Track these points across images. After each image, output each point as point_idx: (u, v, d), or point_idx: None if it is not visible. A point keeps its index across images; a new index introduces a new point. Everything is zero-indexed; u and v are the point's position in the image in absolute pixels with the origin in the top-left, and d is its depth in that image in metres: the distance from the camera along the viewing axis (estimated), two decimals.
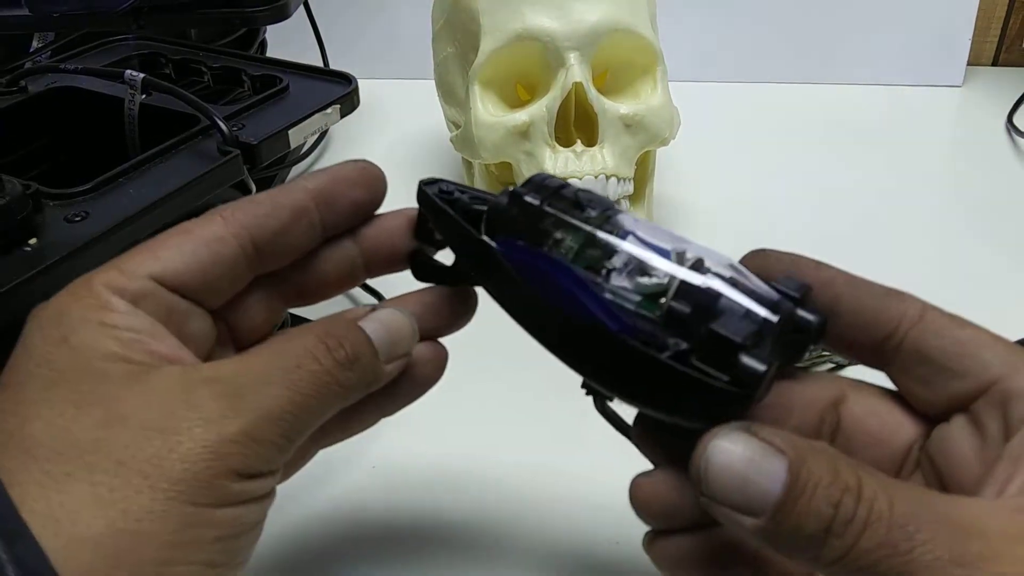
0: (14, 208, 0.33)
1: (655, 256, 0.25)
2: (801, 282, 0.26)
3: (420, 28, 0.62)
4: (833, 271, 0.27)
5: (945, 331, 0.25)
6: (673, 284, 0.24)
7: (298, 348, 0.25)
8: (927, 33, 0.77)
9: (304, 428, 0.24)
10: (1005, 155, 0.69)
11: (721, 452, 0.21)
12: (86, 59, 0.52)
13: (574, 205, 0.27)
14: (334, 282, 0.30)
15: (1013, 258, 0.56)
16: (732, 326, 0.23)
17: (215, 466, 0.22)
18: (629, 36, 0.52)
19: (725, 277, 0.24)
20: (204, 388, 0.23)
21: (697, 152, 0.66)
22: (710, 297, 0.24)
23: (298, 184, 0.28)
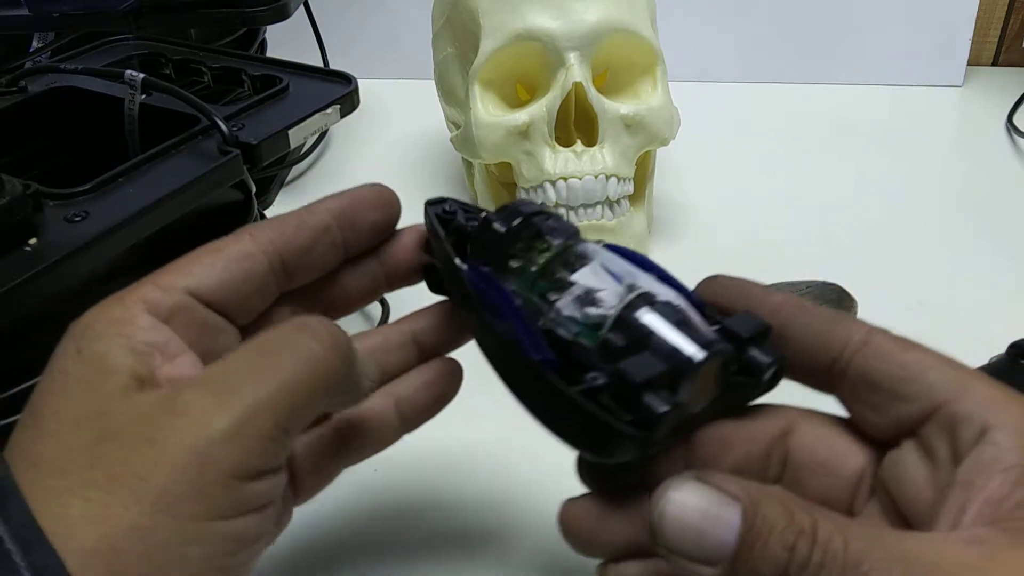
0: (14, 208, 0.33)
1: (605, 287, 0.25)
2: (758, 322, 0.26)
3: (420, 28, 0.62)
4: (780, 298, 0.27)
5: (890, 355, 0.25)
6: (611, 317, 0.25)
7: (283, 336, 0.25)
8: (927, 33, 0.77)
9: (298, 417, 0.24)
10: (1005, 155, 0.69)
11: (674, 504, 0.21)
12: (86, 59, 0.52)
13: (537, 234, 0.27)
14: (356, 296, 0.31)
15: (1013, 258, 0.56)
16: (639, 365, 0.23)
17: (204, 471, 0.21)
18: (629, 36, 0.52)
19: (667, 313, 0.25)
20: (191, 391, 0.23)
21: (697, 152, 0.66)
22: (643, 332, 0.24)
23: (321, 205, 0.29)
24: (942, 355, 0.25)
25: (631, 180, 0.53)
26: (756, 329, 0.25)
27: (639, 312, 0.25)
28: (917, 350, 0.25)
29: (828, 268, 0.50)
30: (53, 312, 0.34)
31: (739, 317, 0.26)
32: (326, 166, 0.70)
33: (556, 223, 0.28)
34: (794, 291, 0.47)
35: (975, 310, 0.51)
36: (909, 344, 0.25)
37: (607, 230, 0.51)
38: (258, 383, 0.23)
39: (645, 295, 0.25)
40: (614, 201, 0.51)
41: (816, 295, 0.47)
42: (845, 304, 0.48)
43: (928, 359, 0.24)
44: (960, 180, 0.66)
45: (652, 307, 0.25)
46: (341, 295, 0.31)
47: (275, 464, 0.23)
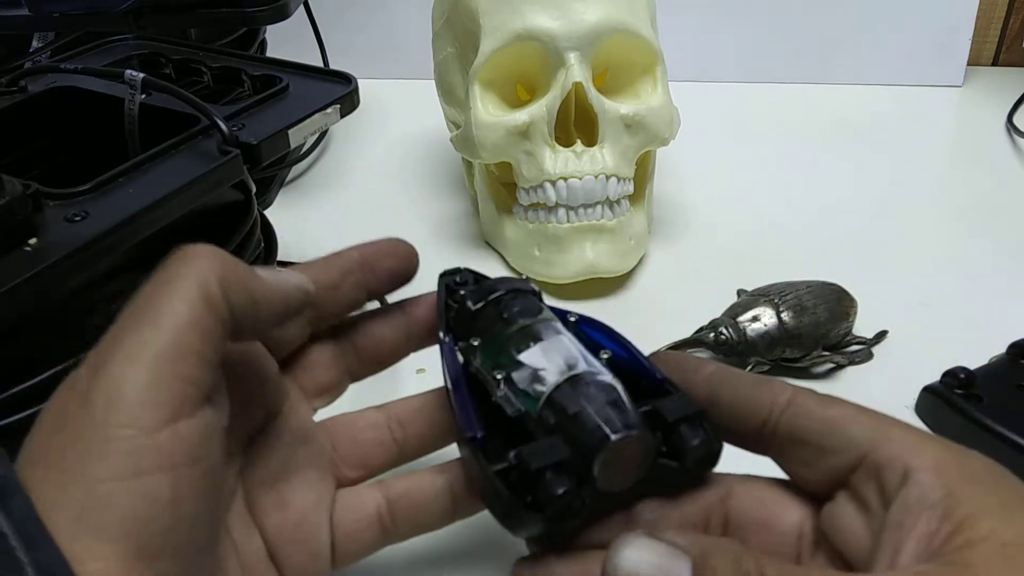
0: (14, 208, 0.33)
1: (547, 367, 0.27)
2: (689, 405, 0.27)
3: (420, 28, 0.62)
4: (711, 367, 0.29)
5: (813, 412, 0.26)
6: (543, 396, 0.27)
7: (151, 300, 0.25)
8: (927, 33, 0.77)
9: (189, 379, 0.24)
10: (1005, 155, 0.69)
11: (628, 561, 0.22)
12: (86, 59, 0.52)
13: (500, 314, 0.30)
14: (390, 349, 0.33)
15: (1013, 258, 0.56)
16: (542, 450, 0.25)
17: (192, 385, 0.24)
18: (629, 36, 0.52)
19: (592, 394, 0.26)
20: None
21: (697, 152, 0.66)
22: (568, 412, 0.26)
23: (346, 252, 0.32)
24: (862, 408, 0.26)
25: (631, 180, 0.53)
26: (684, 412, 0.27)
27: (568, 391, 0.26)
28: (837, 406, 0.26)
29: (828, 268, 0.50)
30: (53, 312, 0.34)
31: (673, 400, 0.27)
32: (326, 166, 0.70)
33: (521, 303, 0.30)
34: (794, 291, 0.47)
35: (975, 310, 0.51)
36: (829, 400, 0.27)
37: (607, 230, 0.51)
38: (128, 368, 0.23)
39: (577, 376, 0.27)
40: (614, 201, 0.51)
41: (816, 295, 0.47)
42: (845, 304, 0.48)
43: (848, 413, 0.26)
44: (960, 180, 0.66)
45: (580, 387, 0.26)
46: (374, 347, 0.33)
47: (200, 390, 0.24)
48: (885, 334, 0.48)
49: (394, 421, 0.33)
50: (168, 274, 0.25)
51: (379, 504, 0.31)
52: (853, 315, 0.48)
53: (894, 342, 0.48)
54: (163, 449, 0.22)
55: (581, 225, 0.51)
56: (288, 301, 0.28)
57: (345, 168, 0.69)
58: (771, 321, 0.45)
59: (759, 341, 0.45)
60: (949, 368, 0.43)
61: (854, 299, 0.48)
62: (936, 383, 0.43)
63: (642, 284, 0.54)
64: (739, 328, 0.46)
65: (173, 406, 0.23)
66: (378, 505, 0.31)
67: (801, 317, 0.46)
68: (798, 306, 0.46)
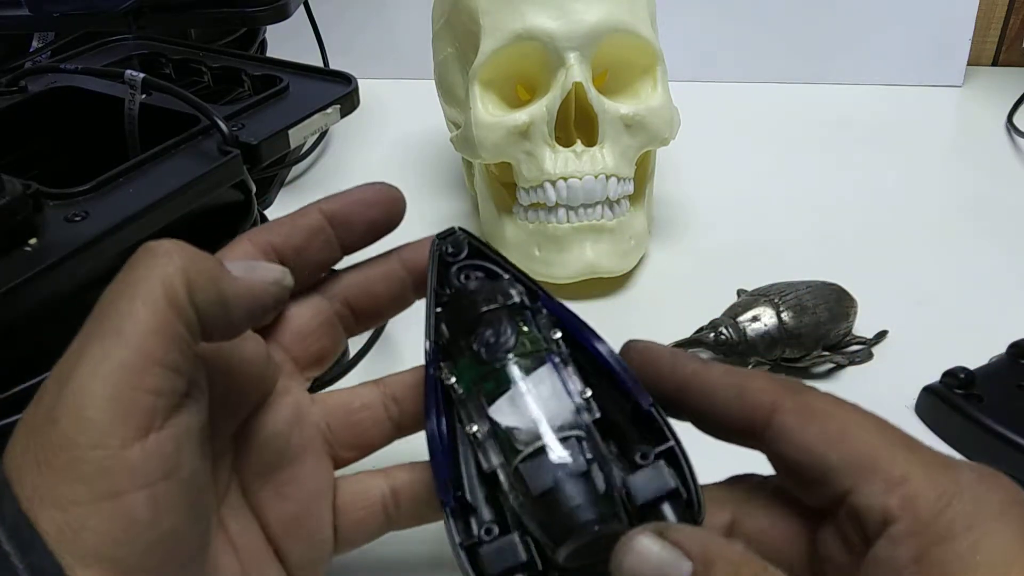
0: (14, 208, 0.33)
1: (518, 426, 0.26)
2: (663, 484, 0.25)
3: (420, 28, 0.62)
4: (689, 368, 0.27)
5: (792, 434, 0.25)
6: (513, 463, 0.25)
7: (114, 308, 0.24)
8: (927, 33, 0.77)
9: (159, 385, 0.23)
10: (1005, 155, 0.69)
11: (632, 554, 0.22)
12: (86, 59, 0.52)
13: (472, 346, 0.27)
14: (386, 303, 0.32)
15: (1013, 258, 0.56)
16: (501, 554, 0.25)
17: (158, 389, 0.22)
18: (629, 36, 0.52)
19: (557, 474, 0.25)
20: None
21: (697, 152, 0.66)
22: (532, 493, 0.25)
23: (313, 206, 0.30)
24: (850, 420, 0.24)
25: (631, 180, 0.53)
26: (659, 492, 0.25)
27: (533, 469, 0.25)
28: (819, 422, 0.24)
29: (828, 268, 0.50)
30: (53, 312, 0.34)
31: (646, 474, 0.25)
32: (326, 166, 0.70)
33: (493, 333, 0.27)
34: (794, 291, 0.47)
35: (975, 310, 0.51)
36: (813, 414, 0.25)
37: (607, 230, 0.51)
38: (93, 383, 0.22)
39: (543, 449, 0.25)
40: (614, 201, 0.51)
41: (816, 295, 0.47)
42: (845, 304, 0.48)
43: (831, 433, 0.24)
44: (960, 180, 0.66)
45: (548, 464, 0.25)
46: (371, 301, 0.31)
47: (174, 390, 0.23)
48: (885, 334, 0.48)
49: (389, 398, 0.31)
50: (131, 276, 0.24)
51: (384, 493, 0.30)
52: (853, 315, 0.48)
53: (894, 342, 0.48)
54: (136, 467, 0.22)
55: (581, 225, 0.51)
56: (262, 299, 0.27)
57: (345, 168, 0.69)
58: (771, 321, 0.45)
59: (759, 341, 0.45)
60: (949, 368, 0.43)
61: (854, 299, 0.48)
62: (936, 383, 0.43)
63: (642, 284, 0.54)
64: (739, 328, 0.46)
65: (142, 420, 0.22)
66: (383, 494, 0.30)
67: (801, 317, 0.46)
68: (798, 306, 0.46)
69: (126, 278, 0.24)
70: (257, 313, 0.27)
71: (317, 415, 0.30)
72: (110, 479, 0.21)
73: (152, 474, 0.22)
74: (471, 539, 0.26)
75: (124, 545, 0.21)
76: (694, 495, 0.25)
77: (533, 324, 0.28)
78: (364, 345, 0.47)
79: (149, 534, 0.22)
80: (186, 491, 0.23)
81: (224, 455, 0.28)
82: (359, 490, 0.30)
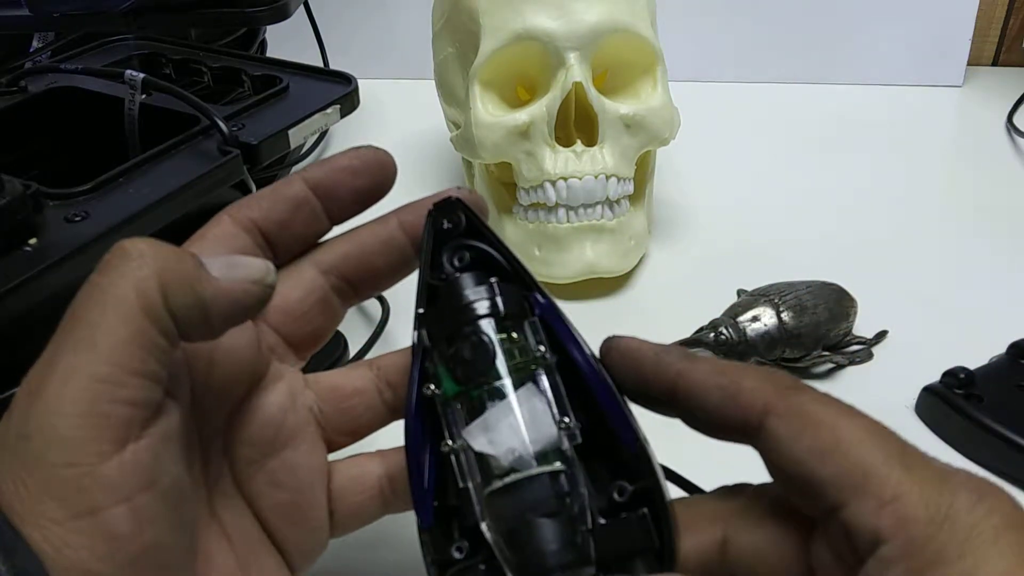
0: (14, 208, 0.33)
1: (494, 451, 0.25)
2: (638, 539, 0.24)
3: (420, 28, 0.62)
4: (675, 368, 0.26)
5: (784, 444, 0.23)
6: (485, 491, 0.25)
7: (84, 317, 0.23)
8: (927, 33, 0.77)
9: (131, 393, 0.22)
10: (1005, 155, 0.69)
11: None
12: (86, 59, 0.52)
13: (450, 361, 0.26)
14: (386, 272, 0.30)
15: (1013, 258, 0.56)
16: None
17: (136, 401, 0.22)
18: (629, 36, 0.52)
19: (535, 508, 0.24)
20: None
21: (697, 152, 0.66)
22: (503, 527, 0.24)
23: (296, 176, 0.29)
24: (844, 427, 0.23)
25: (631, 180, 0.53)
26: (631, 549, 0.24)
27: (506, 503, 0.24)
28: (812, 430, 0.23)
29: (828, 268, 0.50)
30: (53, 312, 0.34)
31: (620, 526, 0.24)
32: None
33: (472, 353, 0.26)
34: (794, 291, 0.47)
35: (975, 310, 0.51)
36: (806, 421, 0.23)
37: (607, 230, 0.51)
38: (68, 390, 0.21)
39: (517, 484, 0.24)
40: (614, 201, 0.51)
41: (816, 295, 0.47)
42: (845, 304, 0.48)
43: (824, 443, 0.23)
44: (960, 180, 0.66)
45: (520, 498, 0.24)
46: (366, 273, 0.30)
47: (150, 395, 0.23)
48: (885, 334, 0.48)
49: (382, 381, 0.30)
50: (102, 281, 0.22)
51: (380, 477, 0.30)
52: (853, 315, 0.48)
53: (894, 342, 0.48)
54: (113, 481, 0.21)
55: (581, 225, 0.51)
56: (243, 301, 0.25)
57: None
58: (771, 321, 0.45)
59: (759, 341, 0.45)
60: (949, 368, 0.43)
61: (854, 299, 0.48)
62: (936, 383, 0.43)
63: (642, 284, 0.54)
64: (739, 328, 0.46)
65: (118, 434, 0.21)
66: (379, 478, 0.30)
67: (801, 317, 0.46)
68: (798, 306, 0.46)
69: (97, 283, 0.22)
70: (238, 315, 0.25)
71: (310, 399, 0.29)
72: (87, 496, 0.21)
73: (131, 487, 0.21)
74: (443, 556, 0.25)
75: (106, 559, 0.21)
76: (668, 546, 0.24)
77: (520, 332, 0.26)
78: (364, 344, 0.47)
79: (131, 547, 0.21)
80: (167, 500, 0.22)
81: (214, 445, 0.27)
82: (355, 475, 0.30)
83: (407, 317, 0.32)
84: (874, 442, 0.23)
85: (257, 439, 0.28)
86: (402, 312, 0.33)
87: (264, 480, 0.28)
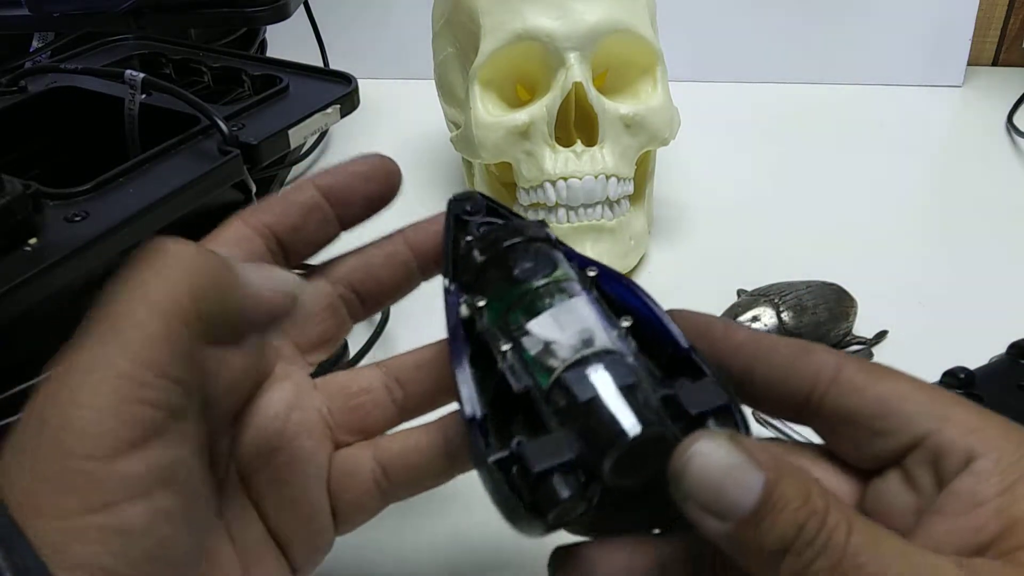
0: (14, 208, 0.33)
1: (558, 339, 0.25)
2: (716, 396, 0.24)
3: (420, 28, 0.62)
4: (743, 335, 0.26)
5: (864, 389, 0.24)
6: (553, 375, 0.24)
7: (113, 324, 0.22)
8: (927, 33, 0.77)
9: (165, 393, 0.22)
10: (1005, 155, 0.69)
11: (702, 455, 0.21)
12: (86, 59, 0.52)
13: (510, 270, 0.26)
14: (391, 286, 0.31)
15: (1013, 258, 0.56)
16: (545, 450, 0.23)
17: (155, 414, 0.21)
18: (629, 36, 0.52)
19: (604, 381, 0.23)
20: None
21: (697, 152, 0.66)
22: (578, 398, 0.23)
23: (308, 182, 0.29)
24: (916, 380, 0.24)
25: (631, 180, 0.53)
26: (710, 405, 0.24)
27: (580, 375, 0.24)
28: (890, 379, 0.24)
29: (828, 268, 0.50)
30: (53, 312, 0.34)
31: (696, 388, 0.24)
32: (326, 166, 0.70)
33: (533, 258, 0.27)
34: (794, 291, 0.47)
35: (975, 310, 0.51)
36: (880, 373, 0.25)
37: (607, 230, 0.51)
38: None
39: (591, 356, 0.24)
40: (614, 201, 0.51)
41: (816, 295, 0.47)
42: (845, 304, 0.48)
43: (903, 388, 0.24)
44: (960, 180, 0.66)
45: (594, 370, 0.24)
46: (373, 286, 0.30)
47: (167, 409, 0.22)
48: (885, 334, 0.48)
49: (392, 380, 0.30)
50: (136, 278, 0.22)
51: (373, 469, 0.29)
52: (853, 315, 0.48)
53: (894, 342, 0.48)
54: (130, 478, 0.21)
55: (581, 225, 0.51)
56: (274, 311, 0.25)
57: None
58: (771, 321, 0.45)
59: None
60: (949, 368, 0.43)
61: (854, 299, 0.48)
62: (936, 383, 0.43)
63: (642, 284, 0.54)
64: None
65: (138, 432, 0.21)
66: (372, 470, 0.29)
67: (801, 317, 0.46)
68: (798, 306, 0.46)
69: (131, 279, 0.22)
70: (266, 324, 0.25)
71: (318, 400, 0.30)
72: (104, 491, 0.20)
73: (148, 484, 0.21)
74: (502, 452, 0.23)
75: (118, 556, 0.20)
76: (742, 418, 0.24)
77: (565, 262, 0.27)
78: (364, 344, 0.47)
79: (144, 543, 0.21)
80: (182, 499, 0.22)
81: (219, 444, 0.27)
82: (347, 470, 0.29)
83: (407, 318, 0.32)
84: (945, 392, 0.25)
85: (262, 438, 0.28)
86: (402, 313, 0.33)
87: (268, 479, 0.28)
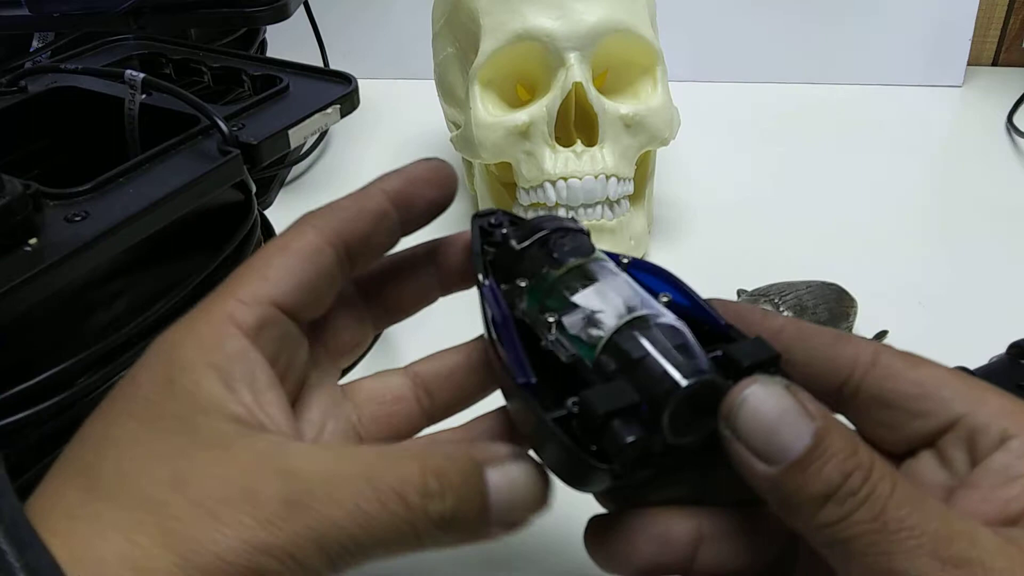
0: (14, 208, 0.33)
1: (604, 309, 0.25)
2: (764, 349, 0.24)
3: (420, 28, 0.62)
4: (780, 321, 0.27)
5: (901, 373, 0.25)
6: (603, 340, 0.24)
7: (392, 475, 0.22)
8: (927, 33, 0.77)
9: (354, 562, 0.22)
10: (1005, 155, 0.69)
11: (756, 397, 0.22)
12: (86, 59, 0.52)
13: (548, 253, 0.27)
14: (416, 301, 0.31)
15: (1013, 258, 0.56)
16: (608, 394, 0.23)
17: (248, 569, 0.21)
18: (629, 36, 0.52)
19: (657, 338, 0.24)
20: (272, 481, 0.21)
21: (697, 152, 0.66)
22: (632, 356, 0.23)
23: (376, 187, 0.28)
24: (951, 369, 0.25)
25: (631, 180, 0.53)
26: (759, 357, 0.24)
27: (630, 335, 0.24)
28: (926, 366, 0.25)
29: (828, 268, 0.50)
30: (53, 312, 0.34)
31: (745, 344, 0.25)
32: (326, 166, 0.70)
33: (571, 241, 0.28)
34: (794, 291, 0.47)
35: (975, 310, 0.51)
36: (917, 360, 0.25)
37: (607, 230, 0.51)
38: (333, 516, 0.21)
39: (639, 319, 0.24)
40: (614, 201, 0.51)
41: (816, 295, 0.47)
42: (845, 304, 0.48)
43: (939, 374, 0.25)
44: (960, 180, 0.66)
45: (644, 331, 0.24)
46: (400, 297, 0.31)
47: None
48: (885, 334, 0.48)
49: (421, 389, 0.30)
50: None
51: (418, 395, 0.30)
52: (853, 315, 0.48)
53: (894, 342, 0.48)
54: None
55: None
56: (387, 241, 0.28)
57: (345, 168, 0.69)
58: None
59: None
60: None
61: (854, 299, 0.48)
62: None
63: None
64: None
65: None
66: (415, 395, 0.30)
67: (801, 317, 0.46)
68: (798, 306, 0.46)
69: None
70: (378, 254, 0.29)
71: (348, 408, 0.30)
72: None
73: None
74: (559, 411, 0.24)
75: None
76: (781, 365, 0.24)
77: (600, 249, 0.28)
78: None
79: None
80: None
81: None
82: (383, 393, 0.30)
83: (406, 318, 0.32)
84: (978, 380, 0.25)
85: None
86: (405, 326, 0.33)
87: None
